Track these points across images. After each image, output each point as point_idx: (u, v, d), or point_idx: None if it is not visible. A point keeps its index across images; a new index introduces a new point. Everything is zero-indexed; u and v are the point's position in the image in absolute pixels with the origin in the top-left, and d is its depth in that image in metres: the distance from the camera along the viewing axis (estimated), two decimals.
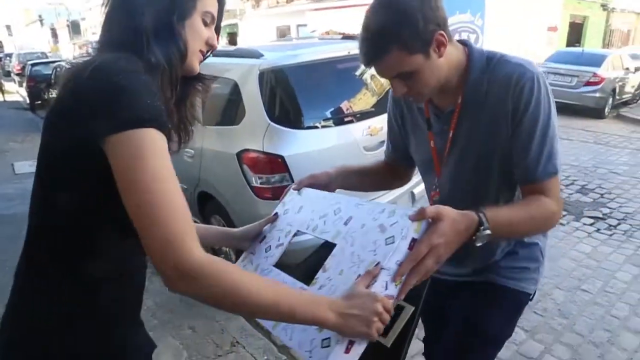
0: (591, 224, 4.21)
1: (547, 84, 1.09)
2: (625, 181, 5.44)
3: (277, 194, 2.78)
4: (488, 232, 0.95)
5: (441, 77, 1.10)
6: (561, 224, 4.00)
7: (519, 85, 1.06)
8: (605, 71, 9.41)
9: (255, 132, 2.82)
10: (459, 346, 1.28)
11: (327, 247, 1.06)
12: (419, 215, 0.89)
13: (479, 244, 0.96)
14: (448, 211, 0.91)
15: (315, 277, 1.00)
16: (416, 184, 3.45)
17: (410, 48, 1.02)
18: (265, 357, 2.40)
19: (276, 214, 1.30)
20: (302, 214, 1.22)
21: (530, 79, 1.06)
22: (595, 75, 9.26)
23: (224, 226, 3.28)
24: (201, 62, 0.95)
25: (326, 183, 1.34)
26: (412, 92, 1.11)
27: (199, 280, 0.71)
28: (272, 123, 2.77)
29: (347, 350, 0.82)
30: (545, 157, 1.07)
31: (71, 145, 0.76)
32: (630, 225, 4.20)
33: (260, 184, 2.78)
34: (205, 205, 3.40)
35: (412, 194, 3.49)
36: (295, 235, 1.19)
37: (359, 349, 0.83)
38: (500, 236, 1.04)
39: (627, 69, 10.42)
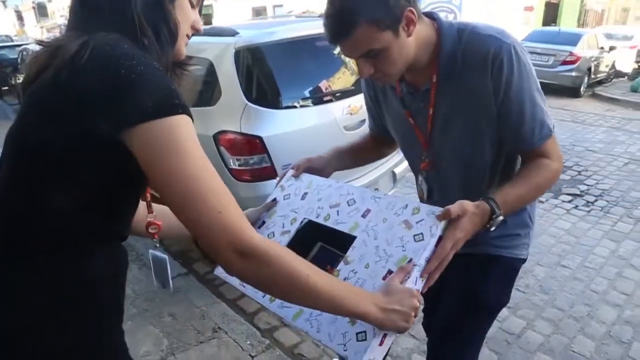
0: (569, 201, 4.26)
1: (524, 49, 1.06)
2: (601, 158, 5.51)
3: (256, 175, 2.71)
4: (501, 217, 1.00)
5: (409, 57, 1.06)
6: (540, 201, 4.03)
7: (497, 61, 1.03)
8: (581, 50, 9.49)
9: (232, 113, 2.73)
10: (458, 316, 1.30)
11: (324, 234, 1.07)
12: (446, 215, 0.93)
13: (492, 229, 1.01)
14: (467, 206, 0.95)
15: (337, 267, 1.00)
16: (397, 163, 3.42)
17: (379, 24, 0.97)
18: (249, 342, 2.36)
19: (275, 199, 1.26)
20: (308, 201, 1.18)
21: (507, 52, 1.03)
22: (571, 54, 9.33)
23: None
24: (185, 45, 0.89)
25: (322, 167, 1.33)
26: (379, 72, 1.07)
27: (259, 262, 0.72)
28: (249, 103, 2.68)
29: (381, 343, 0.86)
30: (539, 123, 1.06)
31: (74, 136, 0.71)
32: (607, 201, 4.26)
33: (239, 166, 2.70)
34: None
35: (393, 173, 3.47)
36: (303, 223, 1.15)
37: (390, 340, 0.87)
38: (511, 213, 1.07)
39: (602, 48, 10.55)
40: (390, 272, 0.92)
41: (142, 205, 0.99)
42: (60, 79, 0.70)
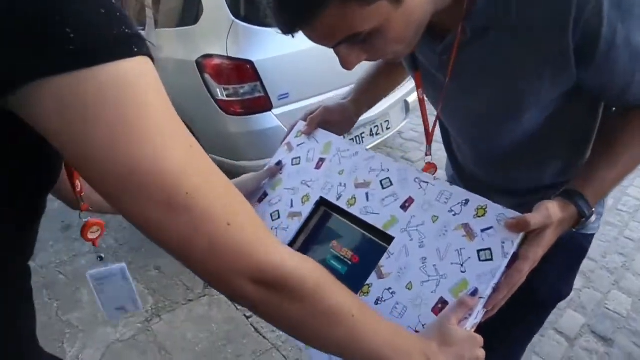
0: None
1: None
2: None
3: (247, 107, 2.32)
4: (593, 218, 0.73)
5: (422, 20, 0.67)
6: None
7: (584, 13, 0.62)
8: None
9: (217, 33, 2.28)
10: (504, 319, 0.96)
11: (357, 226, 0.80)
12: (525, 227, 0.65)
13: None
14: (554, 213, 0.67)
15: (366, 281, 0.74)
16: (409, 92, 3.02)
17: None
18: None
19: (280, 162, 0.95)
20: (325, 173, 0.88)
21: None
22: None
23: None
24: None
25: (343, 119, 1.00)
26: (377, 56, 0.70)
27: (291, 295, 0.48)
28: (236, 20, 2.22)
29: None
30: None
31: None
32: None
33: (227, 96, 2.30)
34: None
35: (406, 102, 3.07)
36: (320, 204, 0.86)
37: None
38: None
39: None
40: (443, 301, 0.66)
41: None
42: None
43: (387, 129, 2.98)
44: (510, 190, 0.94)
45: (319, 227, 0.85)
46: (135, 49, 0.40)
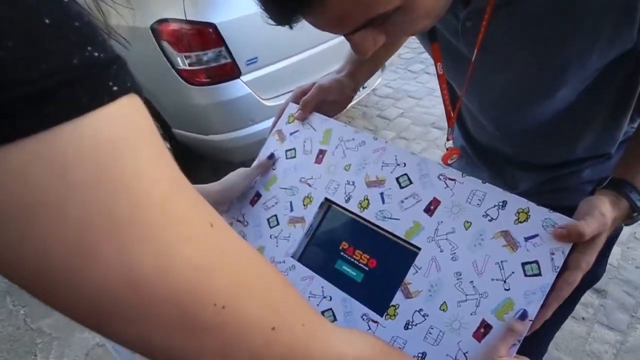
0: None
1: None
2: None
3: (214, 75, 2.12)
4: None
5: None
6: None
7: None
8: None
9: None
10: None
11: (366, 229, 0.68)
12: (576, 238, 0.55)
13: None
14: (607, 215, 0.57)
15: (392, 302, 0.62)
16: None
17: None
18: None
19: (272, 155, 0.80)
20: (327, 168, 0.74)
21: None
22: None
23: None
24: None
25: (341, 98, 0.86)
26: (400, 36, 0.59)
27: None
28: None
29: None
30: None
31: None
32: None
33: (190, 65, 2.10)
34: None
35: None
36: (326, 208, 0.73)
37: None
38: None
39: None
40: (486, 325, 0.56)
41: None
42: None
43: (362, 87, 2.83)
44: (534, 165, 0.83)
45: (323, 225, 0.72)
46: (115, 87, 0.23)
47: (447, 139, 0.76)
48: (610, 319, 1.83)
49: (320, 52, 2.43)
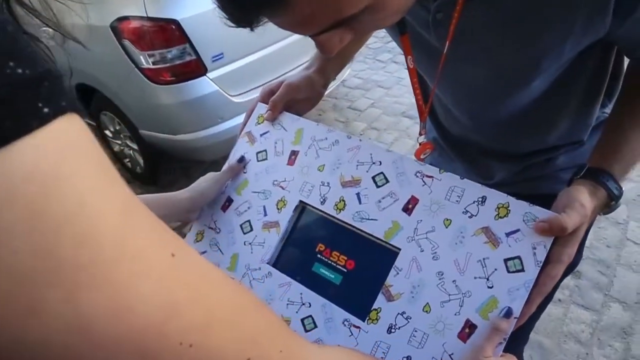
0: None
1: None
2: None
3: (179, 73, 2.06)
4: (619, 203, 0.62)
5: None
6: None
7: None
8: None
9: None
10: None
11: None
12: (558, 232, 0.54)
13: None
14: (587, 206, 0.56)
15: (374, 306, 0.60)
16: None
17: None
18: None
19: (242, 158, 0.78)
20: (300, 170, 0.72)
21: None
22: None
23: (117, 125, 2.55)
24: None
25: (311, 95, 0.83)
26: (367, 33, 0.65)
27: None
28: None
29: None
30: None
31: None
32: None
33: (153, 63, 2.03)
34: (89, 100, 2.58)
35: None
36: (301, 210, 0.71)
37: None
38: None
39: None
40: (471, 325, 0.55)
41: None
42: None
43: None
44: (509, 155, 0.82)
45: (298, 228, 0.70)
46: (45, 108, 0.20)
47: (420, 134, 0.75)
48: (585, 298, 1.87)
49: (288, 44, 2.38)
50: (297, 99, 0.79)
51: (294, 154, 0.73)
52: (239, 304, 0.29)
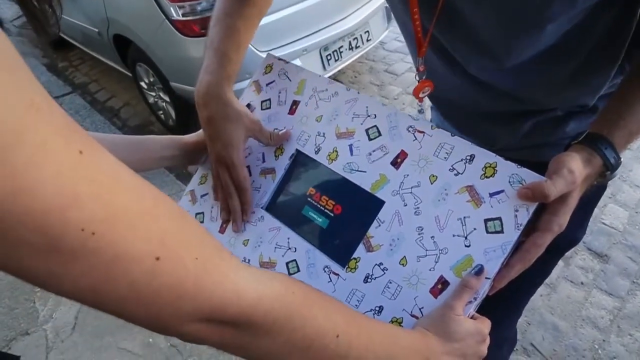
0: None
1: None
2: None
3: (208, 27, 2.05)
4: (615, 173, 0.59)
5: None
6: None
7: None
8: None
9: None
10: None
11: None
12: (540, 198, 0.51)
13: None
14: (578, 173, 0.53)
15: (353, 254, 0.62)
16: None
17: None
18: None
19: (248, 105, 0.79)
20: (299, 119, 0.73)
21: None
22: None
23: (152, 77, 2.59)
24: None
25: (245, 122, 0.72)
26: None
27: (256, 332, 0.37)
28: None
29: None
30: None
31: None
32: None
33: (183, 15, 2.02)
34: (125, 51, 2.62)
35: (387, 9, 2.78)
36: (294, 158, 0.72)
37: None
38: None
39: None
40: (444, 281, 0.55)
41: None
42: None
43: (368, 40, 2.72)
44: (514, 113, 0.76)
45: (293, 176, 0.72)
46: None
47: (418, 70, 0.71)
48: (610, 284, 1.79)
49: (318, 2, 2.31)
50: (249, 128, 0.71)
51: (295, 103, 0.74)
52: (147, 207, 0.31)
